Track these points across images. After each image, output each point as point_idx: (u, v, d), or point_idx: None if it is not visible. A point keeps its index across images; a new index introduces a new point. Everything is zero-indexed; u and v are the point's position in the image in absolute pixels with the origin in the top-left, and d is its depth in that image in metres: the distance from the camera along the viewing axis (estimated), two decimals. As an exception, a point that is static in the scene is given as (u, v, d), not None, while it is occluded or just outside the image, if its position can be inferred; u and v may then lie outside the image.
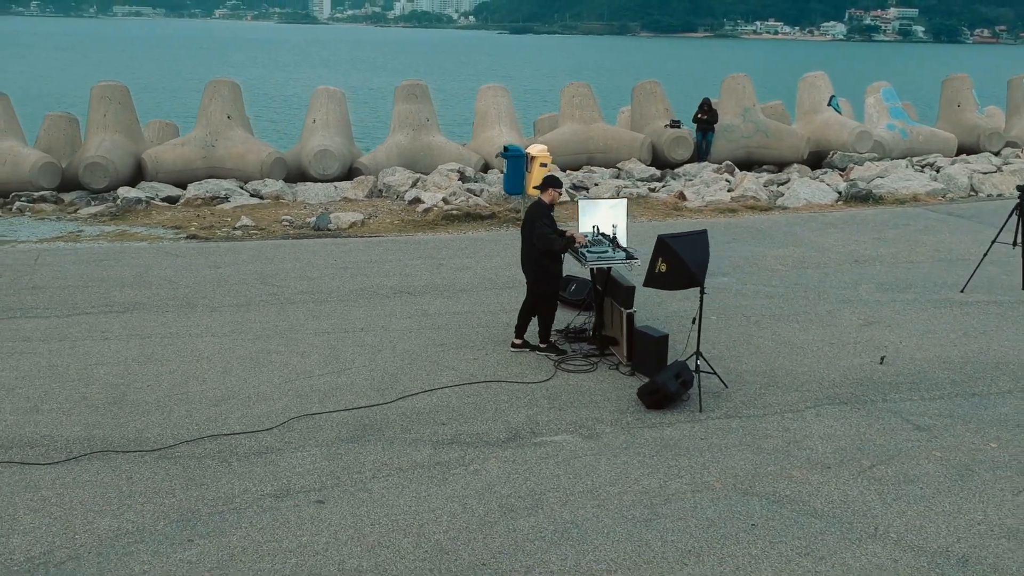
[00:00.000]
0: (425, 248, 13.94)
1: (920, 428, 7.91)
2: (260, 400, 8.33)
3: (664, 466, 7.17)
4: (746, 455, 7.38)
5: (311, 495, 6.73)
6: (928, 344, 9.91)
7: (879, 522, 6.42)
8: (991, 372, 9.17)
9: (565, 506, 6.59)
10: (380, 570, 5.82)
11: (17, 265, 12.72)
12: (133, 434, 7.67)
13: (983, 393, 8.68)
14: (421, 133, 19.59)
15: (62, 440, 7.52)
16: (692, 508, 6.58)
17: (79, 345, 9.65)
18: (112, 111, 18.68)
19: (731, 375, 8.97)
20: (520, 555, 5.98)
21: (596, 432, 7.78)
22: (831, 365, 9.30)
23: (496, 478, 6.97)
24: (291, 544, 6.08)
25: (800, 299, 11.44)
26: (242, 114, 19.30)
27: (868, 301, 11.38)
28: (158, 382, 8.71)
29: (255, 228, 15.15)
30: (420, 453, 7.37)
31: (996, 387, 8.81)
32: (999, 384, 8.88)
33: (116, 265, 12.73)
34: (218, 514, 6.45)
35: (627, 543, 6.13)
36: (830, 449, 7.50)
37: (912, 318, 10.75)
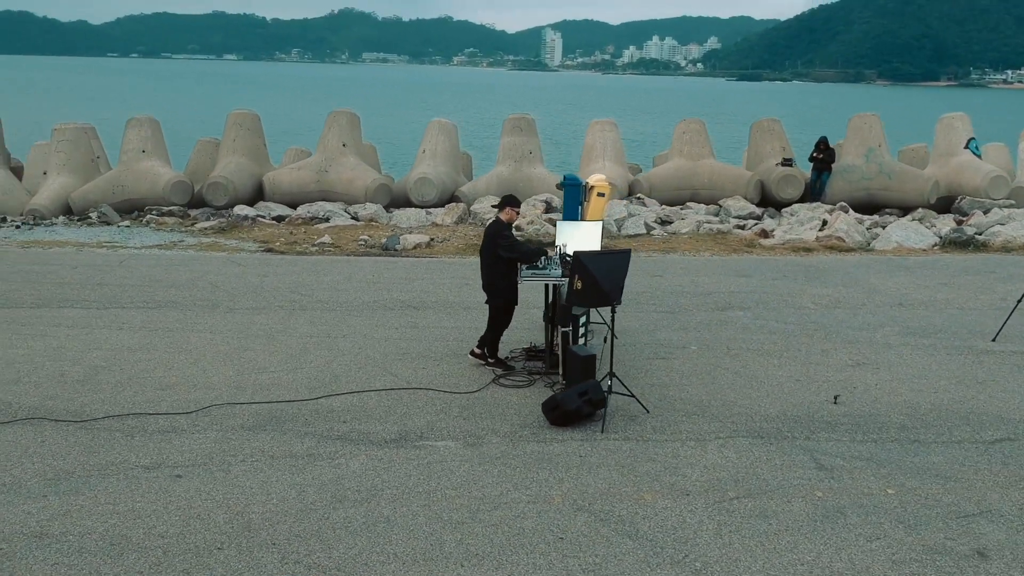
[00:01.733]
0: (465, 269, 14.33)
1: (822, 467, 7.46)
2: (202, 388, 9.00)
3: (519, 478, 7.17)
4: (611, 475, 7.25)
5: (176, 470, 7.25)
6: (906, 389, 9.25)
7: (694, 551, 6.18)
8: (954, 421, 8.45)
9: (393, 503, 6.76)
10: (180, 537, 6.24)
11: (101, 265, 14.25)
12: (76, 407, 8.50)
13: (926, 441, 8.04)
14: (523, 165, 20.07)
15: (15, 406, 8.46)
16: (513, 517, 6.57)
17: (94, 333, 10.75)
18: (240, 136, 20.43)
19: (665, 401, 8.82)
20: (313, 540, 6.23)
21: (482, 441, 7.88)
22: (778, 400, 8.88)
23: (350, 472, 7.23)
24: (123, 508, 6.62)
25: (802, 336, 10.92)
26: (358, 143, 20.53)
27: (876, 343, 10.71)
28: (132, 367, 9.57)
29: (331, 245, 16.10)
30: (300, 445, 7.75)
31: (947, 436, 8.13)
32: (953, 433, 8.18)
33: (179, 269, 13.98)
34: (86, 477, 7.10)
35: (422, 541, 6.24)
36: (704, 478, 7.23)
37: (912, 363, 10.04)
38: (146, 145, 20.18)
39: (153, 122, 20.68)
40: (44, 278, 13.35)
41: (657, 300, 12.41)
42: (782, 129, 21.52)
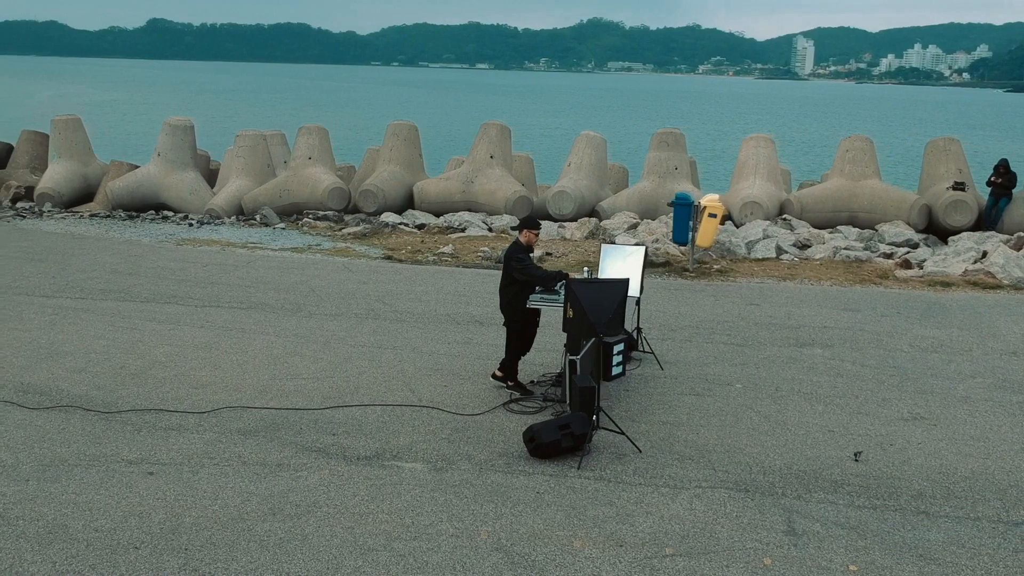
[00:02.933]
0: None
1: (792, 532, 6.83)
2: (229, 390, 9.50)
3: (459, 508, 7.05)
4: (556, 516, 6.98)
5: (154, 468, 7.71)
6: (951, 451, 8.23)
7: None
8: (986, 494, 7.44)
9: (321, 521, 6.84)
10: (111, 532, 6.64)
11: (228, 265, 15.32)
12: (112, 399, 9.22)
13: (937, 514, 7.15)
14: (667, 180, 19.58)
15: (63, 394, 9.29)
16: (425, 550, 6.50)
17: (176, 329, 11.59)
18: (397, 146, 21.27)
19: (666, 442, 8.36)
20: (223, 550, 6.44)
21: (451, 466, 7.81)
22: (791, 452, 8.17)
23: (303, 486, 7.38)
24: (82, 499, 7.13)
25: (871, 382, 9.97)
26: (507, 154, 20.81)
27: (952, 396, 9.59)
28: (184, 365, 10.21)
29: (450, 256, 16.43)
30: (278, 454, 8.02)
31: (967, 511, 7.17)
32: (976, 508, 7.21)
33: (292, 273, 14.76)
34: (73, 467, 7.70)
35: (319, 563, 6.29)
36: (652, 530, 6.79)
37: (981, 422, 8.91)
38: (313, 152, 21.41)
39: (321, 130, 21.90)
40: (171, 274, 14.49)
41: (734, 331, 11.71)
42: (960, 149, 19.62)
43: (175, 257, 15.99)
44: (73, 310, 12.28)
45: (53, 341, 10.92)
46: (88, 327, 11.51)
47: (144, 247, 16.93)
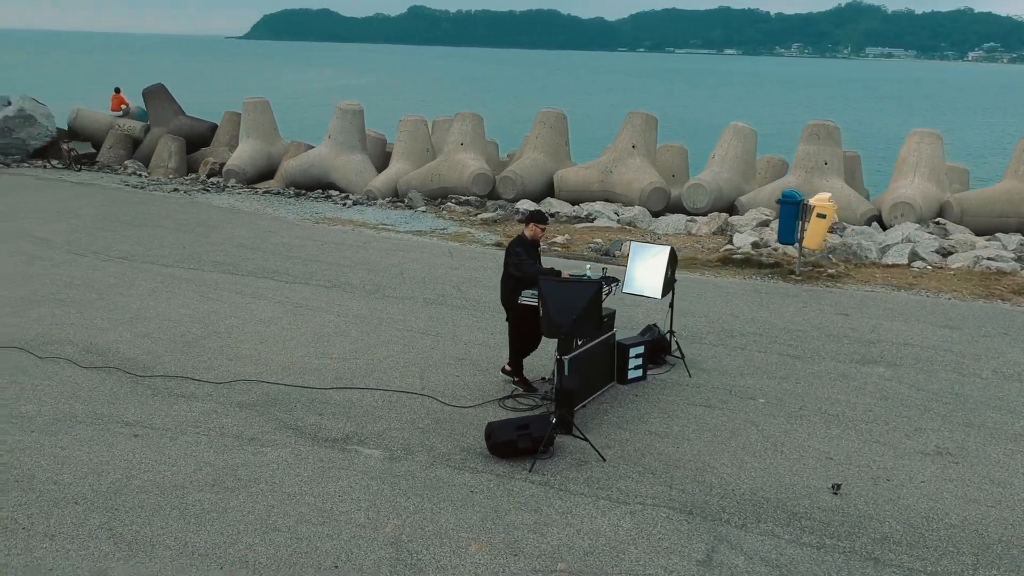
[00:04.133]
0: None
1: (705, 562, 6.42)
2: (256, 364, 10.04)
3: (383, 499, 7.14)
4: (470, 517, 6.91)
5: (142, 432, 8.34)
6: (954, 495, 7.37)
7: None
8: (963, 544, 6.60)
9: (248, 497, 7.11)
10: (66, 486, 7.26)
11: (342, 244, 16.08)
12: (152, 364, 10.01)
13: (891, 560, 6.46)
14: (814, 176, 18.48)
15: (116, 356, 10.18)
16: (321, 536, 6.62)
17: (253, 303, 12.34)
18: (543, 134, 21.38)
19: (637, 453, 8.01)
20: (138, 513, 6.90)
21: (407, 456, 7.90)
22: (765, 477, 7.60)
23: (256, 461, 7.70)
24: (63, 454, 7.82)
25: (917, 409, 9.03)
26: (650, 144, 20.38)
27: (1003, 433, 8.54)
28: (237, 338, 10.85)
29: (560, 246, 16.40)
30: (256, 428, 8.43)
31: (928, 564, 6.41)
32: (942, 562, 6.43)
33: (396, 255, 15.23)
34: (76, 423, 8.46)
35: (211, 536, 6.60)
36: (558, 543, 6.58)
37: (1018, 467, 7.89)
38: (465, 139, 21.90)
39: (476, 117, 22.34)
40: (286, 251, 15.35)
41: (799, 341, 10.93)
42: None
43: (303, 235, 16.89)
44: (179, 279, 13.31)
45: (141, 307, 11.90)
46: (179, 296, 12.43)
47: (284, 224, 18.00)
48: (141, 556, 6.24)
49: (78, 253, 14.86)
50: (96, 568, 6.09)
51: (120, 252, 14.90)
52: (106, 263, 14.17)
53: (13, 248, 15.03)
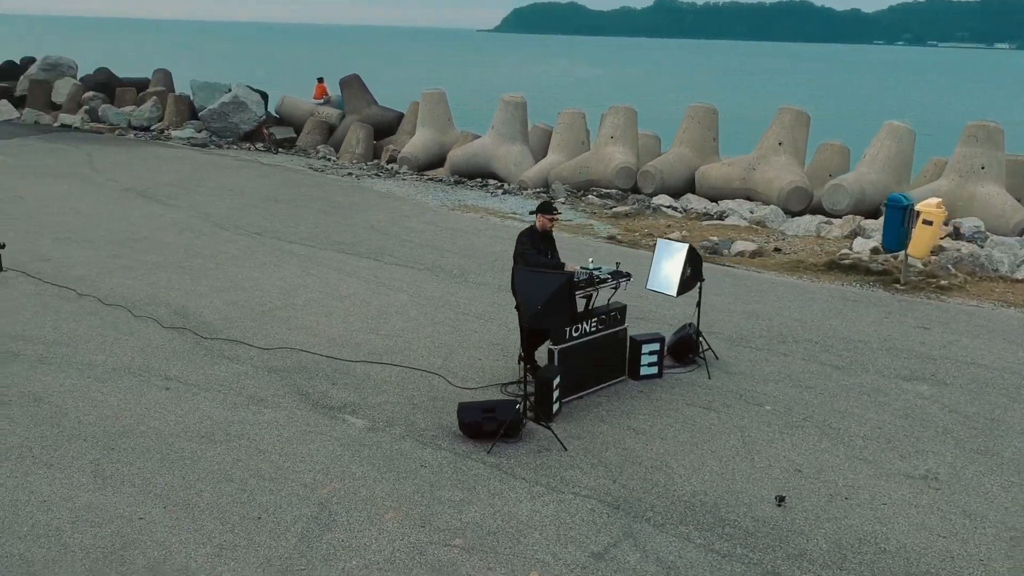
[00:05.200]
0: (738, 283, 13.47)
1: (599, 555, 6.54)
2: (311, 334, 10.84)
3: (337, 465, 7.69)
4: (406, 489, 7.28)
5: (174, 385, 9.40)
6: (908, 523, 6.98)
7: (330, 569, 6.39)
8: (890, 571, 6.33)
9: (219, 447, 7.89)
10: (87, 425, 8.36)
11: (458, 230, 16.75)
12: (219, 328, 11.05)
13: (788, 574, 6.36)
14: (968, 181, 17.28)
15: (197, 319, 11.29)
16: (264, 490, 7.24)
17: (339, 279, 13.23)
18: (691, 128, 21.20)
19: (603, 448, 8.09)
20: (128, 455, 7.85)
21: (386, 428, 8.40)
22: (717, 482, 7.51)
23: (251, 420, 8.46)
24: (96, 398, 8.97)
25: (931, 430, 8.49)
26: (799, 141, 19.74)
27: (1012, 461, 7.90)
28: (310, 310, 11.67)
29: None
30: (270, 391, 9.22)
31: None
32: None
33: (501, 242, 15.65)
34: (128, 374, 9.61)
35: (175, 478, 7.48)
36: (469, 521, 6.88)
37: (1007, 502, 7.31)
38: (615, 132, 22.08)
39: (628, 111, 22.44)
40: (406, 234, 16.14)
41: (851, 352, 10.43)
42: None
43: (432, 221, 17.75)
44: (292, 255, 14.47)
45: (244, 278, 13.11)
46: (283, 270, 13.54)
47: (422, 210, 18.96)
48: (108, 491, 7.13)
49: (222, 227, 16.42)
50: (66, 495, 7.03)
51: (258, 228, 16.31)
52: (239, 237, 15.58)
53: (176, 219, 16.81)
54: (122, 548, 6.34)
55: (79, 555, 6.24)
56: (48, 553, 6.27)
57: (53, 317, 11.07)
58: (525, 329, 9.14)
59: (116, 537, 6.47)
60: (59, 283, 12.48)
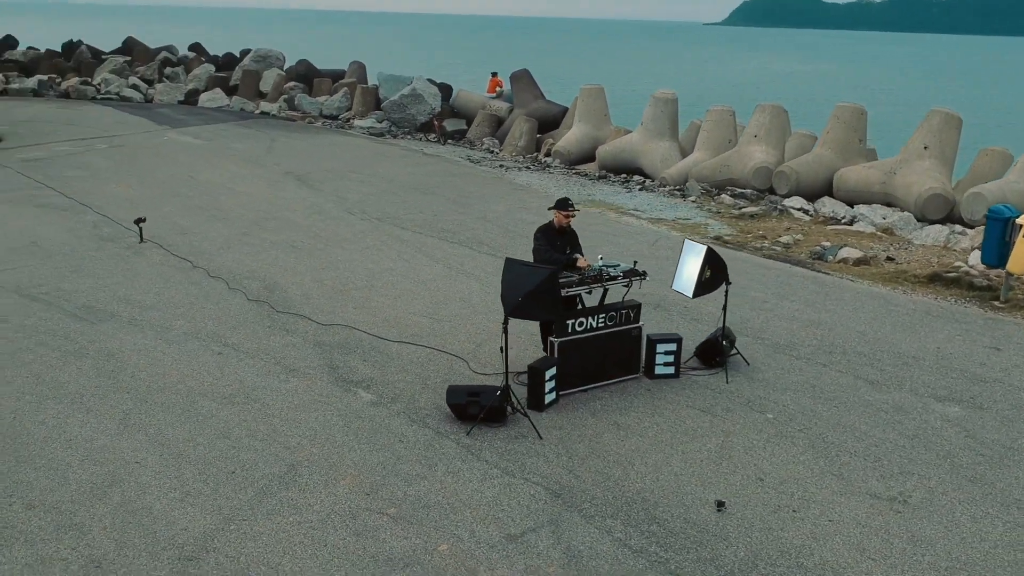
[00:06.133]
0: (819, 290, 13.13)
1: (511, 537, 6.90)
2: (368, 312, 11.63)
3: (327, 432, 8.32)
4: (372, 459, 7.82)
5: (227, 351, 10.44)
6: (845, 544, 6.82)
7: (269, 520, 7.13)
8: None
9: (232, 407, 8.69)
10: (120, 370, 9.60)
11: (569, 225, 17.17)
12: (297, 302, 11.96)
13: None
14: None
15: (281, 292, 12.27)
16: (247, 447, 8.01)
17: (429, 265, 13.96)
18: (835, 128, 20.47)
19: (576, 440, 8.32)
20: (147, 403, 8.86)
21: (388, 403, 8.96)
22: (670, 482, 7.58)
23: (269, 385, 9.27)
24: (158, 355, 10.14)
25: (929, 453, 8.09)
26: (946, 146, 18.72)
27: (1001, 493, 7.43)
28: (383, 293, 12.40)
29: (782, 247, 16.10)
30: (305, 363, 10.03)
31: None
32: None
33: (606, 237, 15.83)
34: (196, 338, 10.71)
35: (177, 429, 8.46)
36: (412, 495, 7.34)
37: (968, 532, 6.94)
38: (760, 131, 21.70)
39: (777, 109, 21.94)
40: (515, 226, 16.53)
41: (896, 368, 9.96)
42: None
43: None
44: (398, 240, 15.35)
45: (342, 260, 14.12)
46: (381, 254, 14.41)
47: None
48: (123, 437, 8.15)
49: (351, 211, 17.60)
50: (88, 437, 8.10)
51: (381, 214, 17.36)
52: (360, 222, 16.66)
53: (315, 202, 18.11)
54: (108, 486, 7.27)
55: (72, 487, 7.23)
56: (49, 483, 7.29)
57: (161, 285, 12.42)
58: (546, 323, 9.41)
59: (109, 476, 7.42)
60: (181, 255, 13.89)
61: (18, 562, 6.25)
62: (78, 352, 9.98)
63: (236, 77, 38.02)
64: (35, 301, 11.64)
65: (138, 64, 39.88)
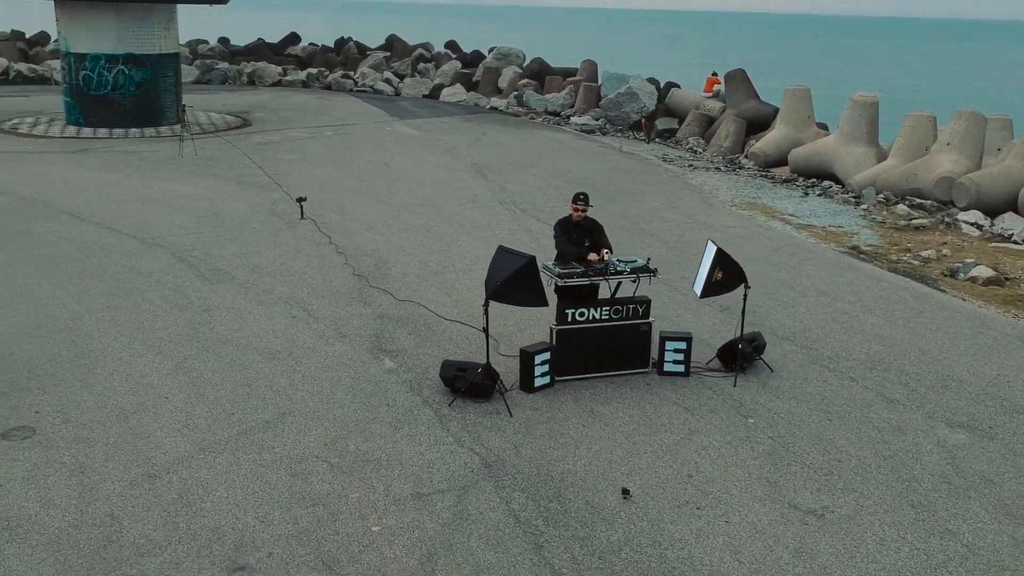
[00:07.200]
0: (917, 304, 12.55)
1: (417, 497, 7.80)
2: (446, 293, 12.51)
3: (325, 389, 9.28)
4: (352, 416, 8.65)
5: (302, 315, 11.77)
6: (727, 545, 6.85)
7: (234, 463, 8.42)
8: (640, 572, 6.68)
9: (273, 363, 9.90)
10: (210, 336, 11.23)
11: (710, 226, 17.14)
12: (391, 280, 13.30)
13: (549, 561, 7.06)
14: None
15: (383, 271, 13.51)
16: (261, 395, 9.21)
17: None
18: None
19: (542, 423, 8.79)
20: (207, 353, 10.45)
21: (400, 373, 9.79)
22: (600, 469, 7.93)
23: (308, 345, 10.37)
24: (245, 318, 11.76)
25: (904, 478, 7.81)
26: None
27: (935, 525, 7.09)
28: (471, 276, 13.00)
29: (921, 261, 15.42)
30: (358, 330, 11.02)
31: None
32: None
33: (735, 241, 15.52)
34: (284, 304, 12.34)
35: (206, 368, 9.93)
36: (372, 457, 8.11)
37: (874, 550, 6.76)
38: (953, 139, 20.49)
39: (973, 116, 20.52)
40: (647, 224, 16.75)
41: (932, 390, 9.43)
42: None
43: (694, 215, 18.21)
44: (526, 231, 16.04)
45: (458, 244, 15.11)
46: (499, 241, 14.88)
47: (701, 203, 19.45)
48: (170, 376, 9.63)
49: (502, 202, 18.63)
50: (143, 374, 9.66)
51: (529, 205, 18.22)
52: (505, 211, 17.60)
53: (475, 192, 19.13)
54: (132, 413, 8.72)
55: (105, 411, 8.73)
56: (92, 405, 8.86)
57: (290, 256, 14.04)
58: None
59: (137, 406, 8.88)
60: (326, 232, 15.52)
61: (29, 462, 7.76)
62: (184, 306, 11.66)
63: (478, 74, 40.24)
64: (181, 261, 13.59)
65: (394, 60, 43.21)
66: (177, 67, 27.32)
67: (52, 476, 7.48)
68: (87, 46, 25.31)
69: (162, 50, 26.18)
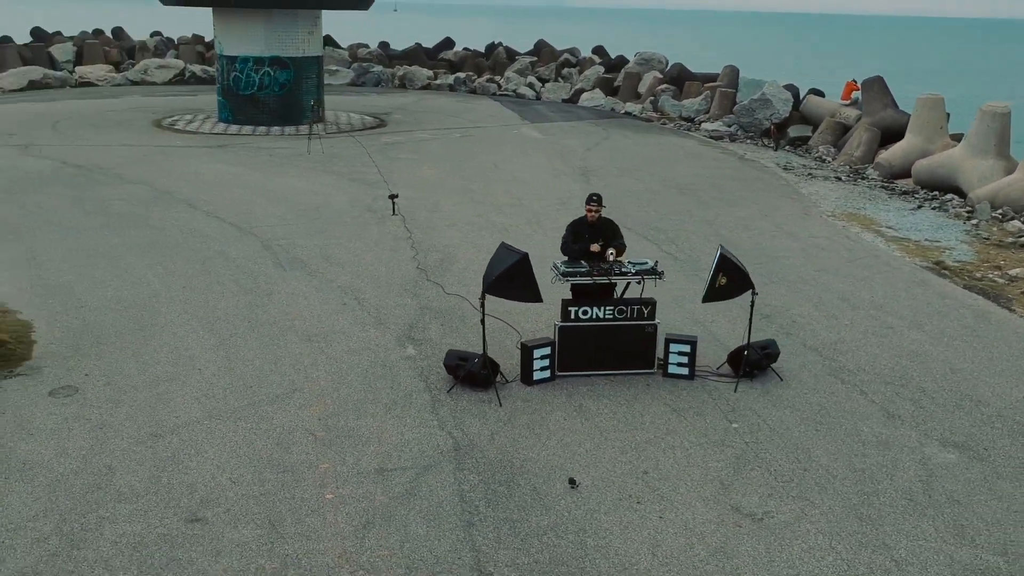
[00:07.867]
0: (963, 317, 12.12)
1: (380, 472, 8.40)
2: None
3: (338, 368, 9.93)
4: (347, 397, 9.26)
5: (352, 303, 12.63)
6: (648, 541, 7.07)
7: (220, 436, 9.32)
8: (567, 566, 6.90)
9: (309, 344, 10.85)
10: (260, 317, 12.26)
11: (796, 235, 16.90)
12: (445, 273, 14.00)
13: (485, 551, 7.51)
14: None
15: (447, 264, 14.16)
16: (267, 370, 10.21)
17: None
18: None
19: (536, 415, 9.08)
20: (252, 328, 11.49)
21: (417, 360, 10.35)
22: (560, 460, 8.21)
23: (347, 331, 11.04)
24: (299, 300, 12.74)
25: (867, 493, 7.72)
26: None
27: (885, 546, 7.02)
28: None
29: (1007, 279, 14.81)
30: (397, 319, 11.82)
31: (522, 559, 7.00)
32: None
33: (802, 252, 15.51)
34: (339, 290, 13.03)
35: (246, 350, 10.86)
36: (360, 438, 8.77)
37: (794, 558, 6.88)
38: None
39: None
40: (725, 231, 16.60)
41: (941, 408, 9.10)
42: None
43: (782, 223, 17.86)
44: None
45: (529, 244, 15.63)
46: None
47: (801, 211, 19.07)
48: (211, 351, 10.56)
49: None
50: (188, 347, 10.60)
51: (613, 208, 18.39)
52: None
53: (570, 194, 19.27)
54: (166, 381, 9.67)
55: (146, 379, 9.70)
56: (135, 371, 9.85)
57: (366, 249, 14.86)
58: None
59: (172, 376, 9.81)
60: (409, 228, 16.33)
61: (62, 416, 8.77)
62: (250, 289, 12.66)
63: (619, 79, 40.46)
64: (267, 249, 14.68)
65: (540, 64, 44.00)
66: (319, 69, 28.98)
67: (75, 429, 8.45)
68: (238, 49, 27.30)
69: (305, 53, 27.87)
